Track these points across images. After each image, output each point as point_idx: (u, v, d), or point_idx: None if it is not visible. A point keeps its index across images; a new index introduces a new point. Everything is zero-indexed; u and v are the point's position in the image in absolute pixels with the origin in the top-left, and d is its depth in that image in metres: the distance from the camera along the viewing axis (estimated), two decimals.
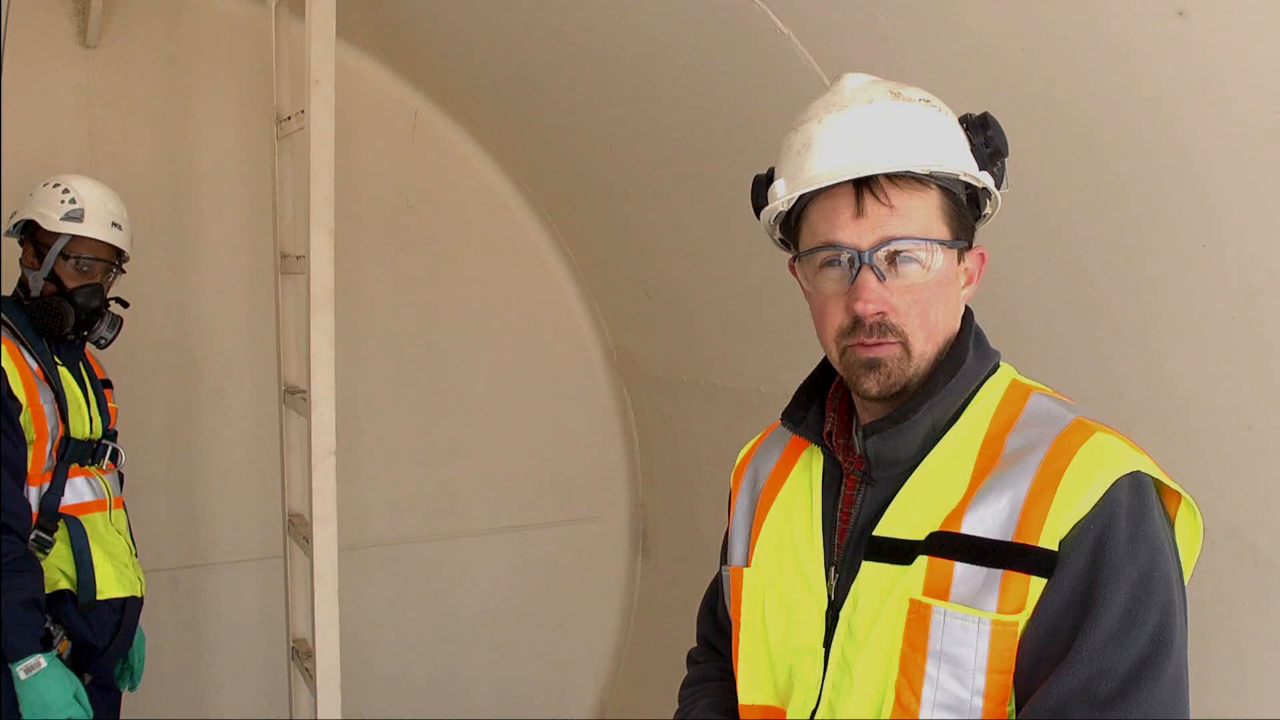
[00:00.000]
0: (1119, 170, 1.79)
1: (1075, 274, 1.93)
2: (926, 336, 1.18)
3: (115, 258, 2.74)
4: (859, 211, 1.16)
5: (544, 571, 4.27)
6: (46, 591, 2.53)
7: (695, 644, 1.57)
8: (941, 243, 1.17)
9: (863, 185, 1.16)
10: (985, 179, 1.21)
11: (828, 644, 1.20)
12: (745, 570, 1.31)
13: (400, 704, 3.99)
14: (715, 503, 1.73)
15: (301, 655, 2.95)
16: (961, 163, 1.19)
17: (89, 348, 2.83)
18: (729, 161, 2.85)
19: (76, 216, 2.65)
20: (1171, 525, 1.14)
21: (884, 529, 1.18)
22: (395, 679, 4.00)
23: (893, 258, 1.16)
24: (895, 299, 1.16)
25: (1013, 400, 1.21)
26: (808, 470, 1.32)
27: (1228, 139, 1.62)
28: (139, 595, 2.79)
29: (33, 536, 2.54)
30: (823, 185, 1.18)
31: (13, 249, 2.75)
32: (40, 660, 2.39)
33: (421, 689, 4.05)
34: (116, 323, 2.77)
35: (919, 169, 1.16)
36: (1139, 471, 1.10)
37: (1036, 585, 1.07)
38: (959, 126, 1.23)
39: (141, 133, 3.53)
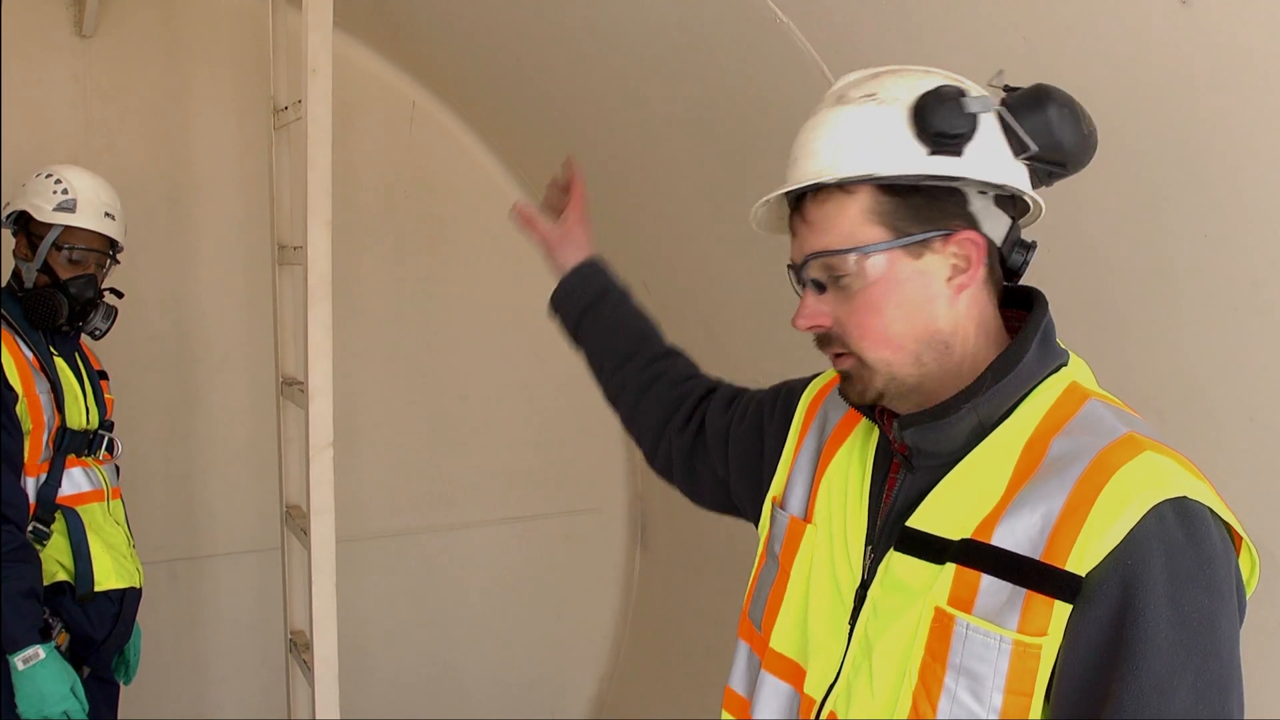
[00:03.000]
0: (1119, 160, 1.77)
1: (1075, 264, 1.92)
2: (880, 344, 1.15)
3: (109, 248, 2.73)
4: (794, 231, 1.21)
5: (543, 563, 4.27)
6: (45, 583, 2.52)
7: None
8: (862, 250, 1.13)
9: (797, 203, 1.20)
10: (930, 166, 1.11)
11: (852, 621, 1.18)
12: (808, 527, 1.29)
13: (398, 695, 3.99)
14: None
15: (299, 647, 2.94)
16: (882, 161, 1.12)
17: (84, 339, 2.82)
18: (729, 154, 2.84)
19: (69, 207, 2.64)
20: (1236, 552, 1.06)
21: (918, 521, 1.15)
22: (393, 670, 4.01)
23: (832, 269, 1.16)
24: (837, 310, 1.17)
25: (1066, 404, 1.14)
26: (868, 436, 1.29)
27: (1230, 129, 1.61)
28: (137, 586, 2.79)
29: (30, 528, 2.53)
30: (756, 214, 1.25)
31: (9, 241, 2.74)
32: (39, 651, 2.39)
33: (419, 680, 4.06)
34: (111, 314, 2.76)
35: (827, 179, 1.14)
36: (1185, 498, 1.01)
37: (1061, 610, 1.02)
38: (905, 116, 1.13)
39: (138, 123, 3.52)
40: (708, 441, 1.58)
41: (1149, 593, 0.99)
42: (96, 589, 2.64)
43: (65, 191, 2.64)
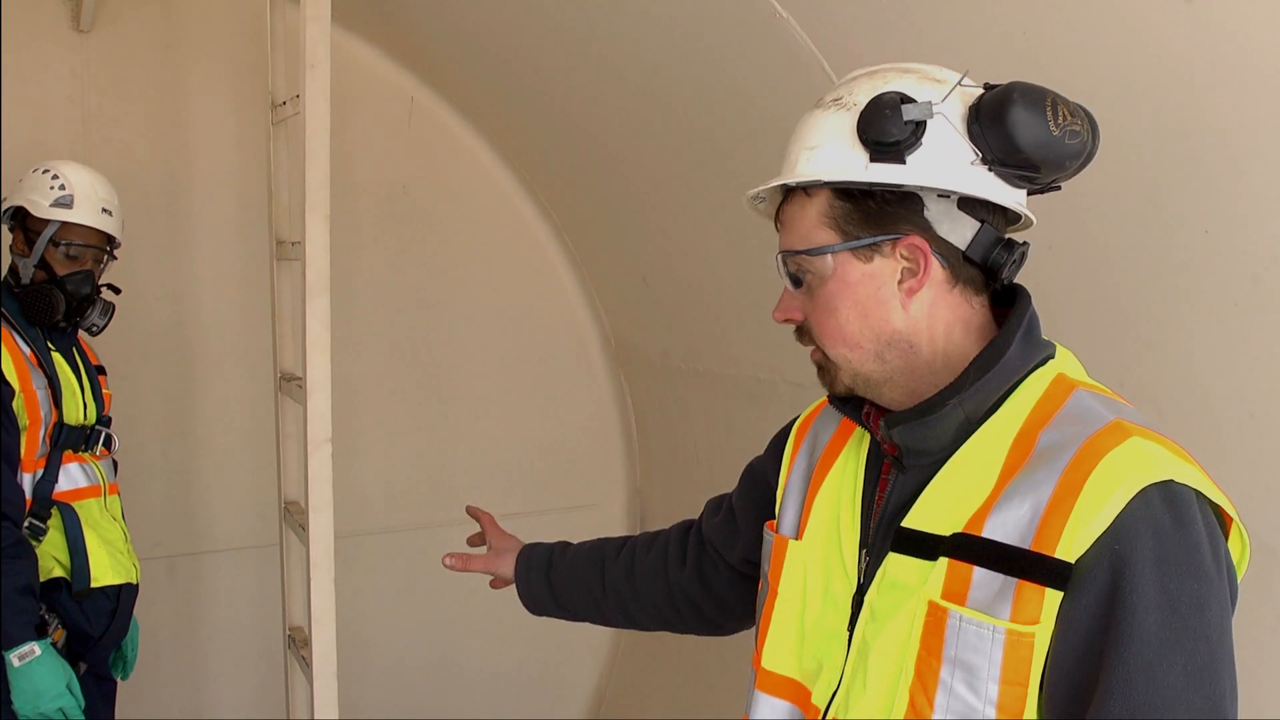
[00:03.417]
0: (1121, 155, 1.77)
1: (1076, 262, 1.92)
2: (838, 342, 1.19)
3: (106, 244, 2.73)
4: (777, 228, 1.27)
5: None
6: (41, 579, 2.52)
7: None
8: (811, 252, 1.18)
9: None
10: (871, 174, 1.12)
11: (851, 628, 1.19)
12: (791, 542, 1.30)
13: (397, 691, 3.99)
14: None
15: (298, 643, 2.94)
16: (831, 167, 1.15)
17: (82, 334, 2.81)
18: (728, 148, 2.83)
19: (66, 203, 2.63)
20: (1225, 537, 1.07)
21: (912, 521, 1.15)
22: (392, 666, 4.00)
23: (798, 267, 1.21)
24: (805, 306, 1.22)
25: (1054, 395, 1.14)
26: (859, 446, 1.30)
27: (1231, 124, 1.61)
28: (134, 582, 2.78)
29: (26, 524, 2.53)
30: (756, 207, 1.31)
31: (6, 237, 2.73)
32: (34, 648, 2.38)
33: (418, 676, 4.05)
34: (108, 309, 2.76)
35: (786, 182, 1.19)
36: (1172, 481, 1.02)
37: (1052, 597, 1.03)
38: (854, 123, 1.14)
39: (136, 118, 3.51)
40: (714, 542, 1.61)
41: (1137, 577, 1.00)
42: (93, 585, 2.63)
43: (62, 187, 2.64)
